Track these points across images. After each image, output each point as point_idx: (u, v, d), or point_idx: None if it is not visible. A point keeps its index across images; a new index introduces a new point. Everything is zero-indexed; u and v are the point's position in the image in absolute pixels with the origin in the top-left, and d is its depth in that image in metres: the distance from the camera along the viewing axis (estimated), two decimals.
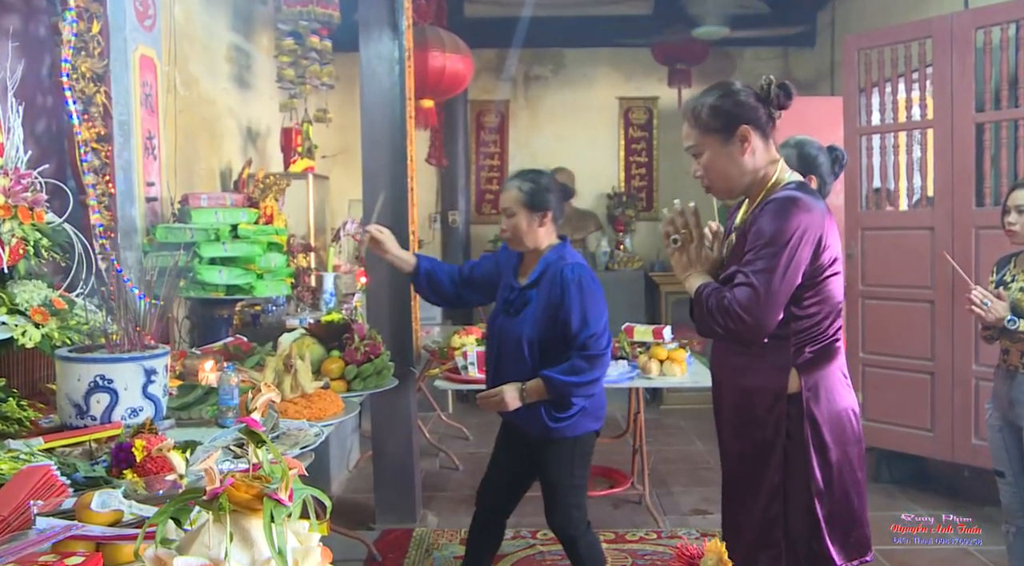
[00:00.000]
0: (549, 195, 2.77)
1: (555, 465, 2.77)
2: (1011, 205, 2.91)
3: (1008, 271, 2.99)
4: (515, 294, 2.77)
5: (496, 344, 2.82)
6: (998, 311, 2.81)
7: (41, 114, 3.22)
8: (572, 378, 2.64)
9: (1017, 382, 2.86)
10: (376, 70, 3.86)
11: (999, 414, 2.98)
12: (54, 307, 2.46)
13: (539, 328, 2.68)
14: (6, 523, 1.43)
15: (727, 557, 1.25)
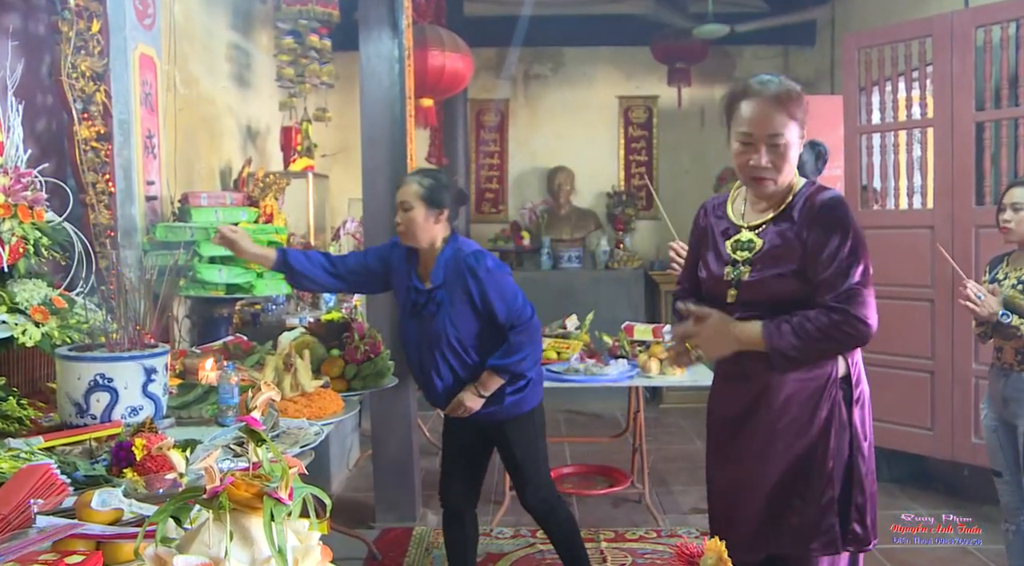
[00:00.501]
0: (446, 194, 2.76)
1: (522, 442, 2.84)
2: (1007, 203, 2.90)
3: (1001, 269, 2.99)
4: (422, 297, 2.75)
5: (416, 348, 2.81)
6: (991, 306, 2.81)
7: (41, 113, 3.22)
8: (517, 356, 2.70)
9: (1012, 380, 2.86)
10: (376, 69, 3.86)
11: (994, 414, 2.98)
12: (54, 306, 2.46)
13: (463, 324, 2.71)
14: (6, 522, 1.43)
15: (726, 555, 1.25)
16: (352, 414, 2.78)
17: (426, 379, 2.82)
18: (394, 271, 2.87)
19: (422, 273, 2.79)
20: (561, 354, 4.11)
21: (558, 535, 2.93)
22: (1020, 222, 2.86)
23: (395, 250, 2.88)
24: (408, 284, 2.80)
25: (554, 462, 4.77)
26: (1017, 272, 2.91)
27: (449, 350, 2.73)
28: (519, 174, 7.76)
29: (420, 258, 2.80)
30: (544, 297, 6.64)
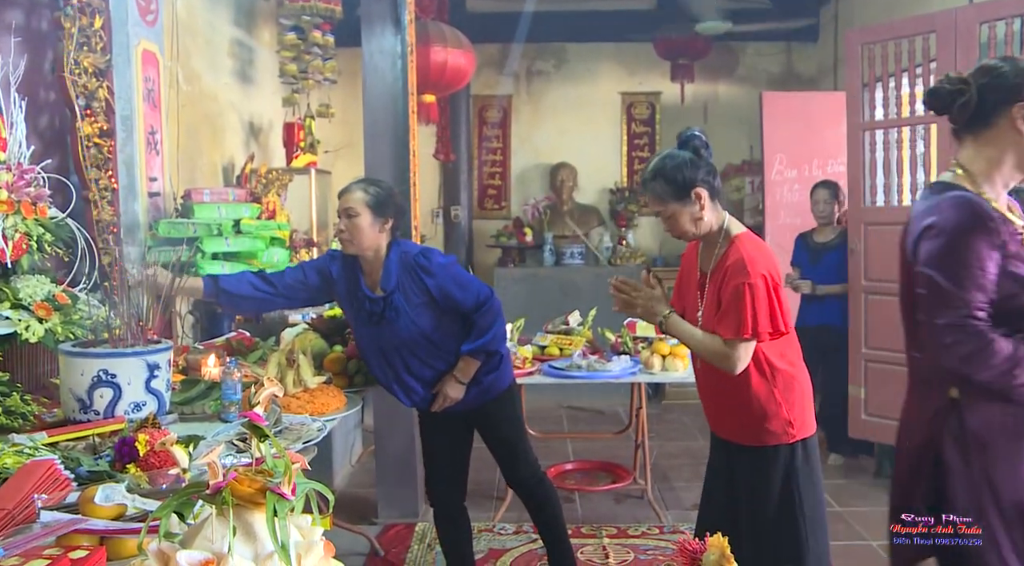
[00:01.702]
0: (392, 203, 2.74)
1: (505, 420, 2.92)
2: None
3: None
4: (377, 305, 2.72)
5: (380, 356, 2.79)
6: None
7: (44, 109, 3.23)
8: (488, 335, 2.74)
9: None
10: (378, 65, 3.86)
11: None
12: (57, 302, 2.47)
13: (426, 322, 2.72)
14: (11, 517, 1.43)
15: (729, 551, 1.25)
16: (355, 410, 2.79)
17: (400, 384, 2.81)
18: (337, 283, 2.81)
19: (370, 282, 2.76)
20: (564, 350, 4.11)
21: (547, 511, 2.99)
22: None
23: (335, 262, 2.83)
24: (358, 294, 2.75)
25: (557, 458, 4.78)
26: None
27: (423, 349, 2.74)
28: (522, 170, 7.75)
29: (365, 267, 2.76)
30: (546, 293, 6.65)
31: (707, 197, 2.22)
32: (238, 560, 1.03)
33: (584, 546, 3.66)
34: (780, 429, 2.21)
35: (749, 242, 2.22)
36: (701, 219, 2.23)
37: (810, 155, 5.93)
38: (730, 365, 2.16)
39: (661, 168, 2.24)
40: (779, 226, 5.84)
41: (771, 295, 2.13)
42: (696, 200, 2.21)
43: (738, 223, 2.30)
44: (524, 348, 4.13)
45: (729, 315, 2.14)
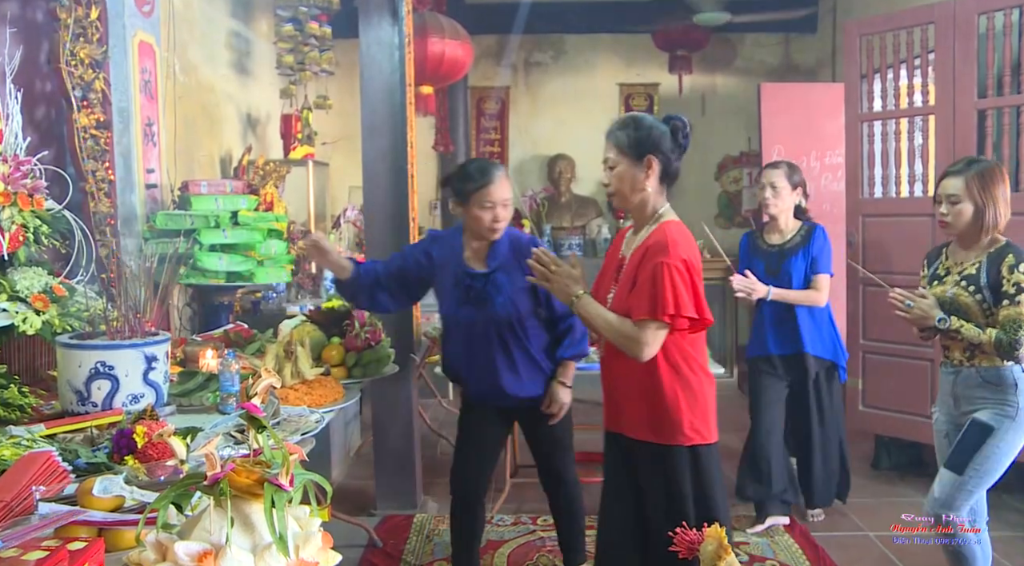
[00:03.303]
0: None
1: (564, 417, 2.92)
2: (942, 195, 2.66)
3: (940, 264, 2.76)
4: (479, 281, 2.76)
5: (466, 340, 2.81)
6: (924, 310, 2.61)
7: (40, 100, 3.22)
8: (583, 337, 2.84)
9: (962, 377, 2.63)
10: (376, 56, 3.85)
11: (944, 416, 2.74)
12: (54, 294, 2.47)
13: (524, 307, 2.76)
14: (9, 508, 1.43)
15: (727, 541, 1.25)
16: (353, 402, 2.79)
17: (487, 367, 2.80)
18: (438, 264, 2.85)
19: (471, 258, 2.82)
20: None
21: (574, 511, 2.99)
22: (958, 215, 2.61)
23: (435, 243, 2.89)
24: (459, 271, 2.80)
25: None
26: (959, 267, 2.67)
27: (511, 334, 2.76)
28: (520, 162, 7.74)
29: (470, 246, 2.83)
30: None
31: (657, 171, 2.19)
32: (236, 551, 1.03)
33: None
34: (680, 428, 2.17)
35: (676, 228, 2.18)
36: (643, 190, 2.21)
37: (808, 146, 5.92)
38: (638, 349, 2.10)
39: (632, 121, 2.24)
40: None
41: (692, 280, 2.09)
42: (647, 167, 2.19)
43: (674, 213, 2.26)
44: None
45: (644, 295, 2.09)
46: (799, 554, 3.43)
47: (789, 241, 3.62)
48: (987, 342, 2.52)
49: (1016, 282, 2.50)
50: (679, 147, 2.22)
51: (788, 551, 3.47)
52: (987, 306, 2.56)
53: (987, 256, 2.59)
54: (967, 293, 2.59)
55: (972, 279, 2.59)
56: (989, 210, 2.57)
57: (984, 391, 2.58)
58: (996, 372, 2.55)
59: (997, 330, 2.51)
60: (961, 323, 2.55)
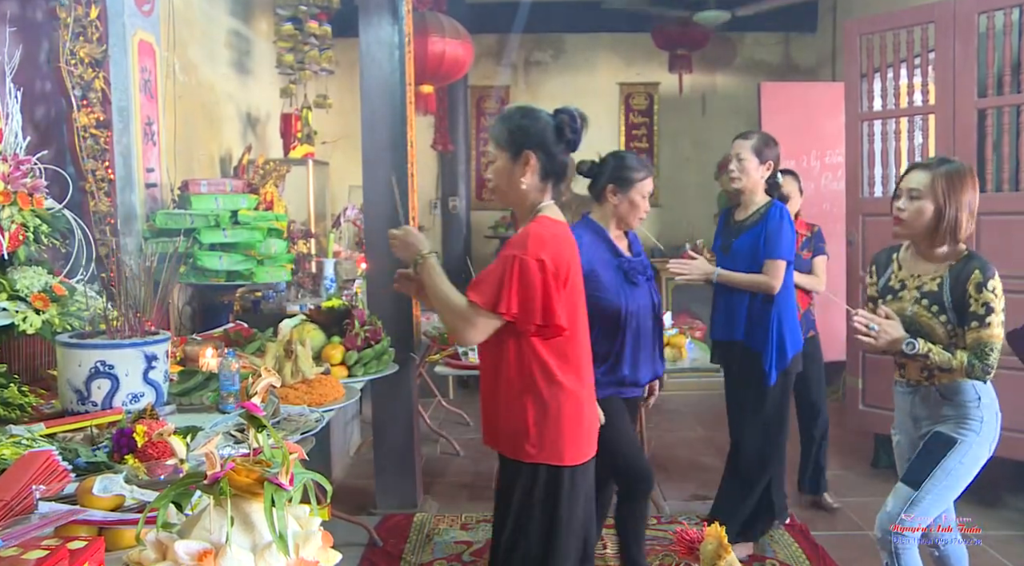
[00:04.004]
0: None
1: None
2: (903, 188, 2.43)
3: (893, 275, 2.52)
4: (636, 264, 2.83)
5: (635, 324, 2.76)
6: (890, 334, 2.36)
7: (40, 100, 3.22)
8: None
9: (920, 396, 2.44)
10: (376, 55, 3.85)
11: (906, 440, 2.52)
12: (54, 293, 2.46)
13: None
14: (9, 507, 1.43)
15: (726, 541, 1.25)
16: (353, 401, 2.79)
17: (651, 353, 2.85)
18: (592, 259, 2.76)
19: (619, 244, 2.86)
20: None
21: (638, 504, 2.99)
22: (915, 213, 2.38)
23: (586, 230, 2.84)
24: (616, 257, 2.80)
25: None
26: (916, 280, 2.43)
27: (657, 313, 2.84)
28: None
29: (611, 232, 2.86)
30: None
31: (536, 168, 2.10)
32: (236, 550, 1.03)
33: None
34: (522, 444, 2.05)
35: (547, 226, 2.08)
36: (520, 185, 2.12)
37: (808, 146, 5.93)
38: (462, 329, 2.00)
39: (511, 114, 2.16)
40: None
41: (544, 282, 1.96)
42: (524, 163, 2.10)
43: (557, 212, 2.16)
44: None
45: (486, 281, 2.00)
46: (799, 553, 3.43)
47: (748, 218, 3.32)
48: (959, 367, 2.29)
49: (985, 302, 2.28)
50: (566, 142, 2.12)
51: (788, 550, 3.47)
52: (952, 327, 2.35)
53: (949, 270, 2.36)
54: (929, 314, 2.37)
55: (934, 297, 2.36)
56: (949, 213, 2.33)
57: (946, 408, 2.38)
58: (957, 387, 2.36)
59: (968, 354, 2.29)
60: (930, 347, 2.32)
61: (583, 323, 2.13)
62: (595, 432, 2.17)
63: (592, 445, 2.14)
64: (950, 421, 2.37)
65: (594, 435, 2.16)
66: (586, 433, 2.10)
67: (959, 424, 2.35)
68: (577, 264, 2.10)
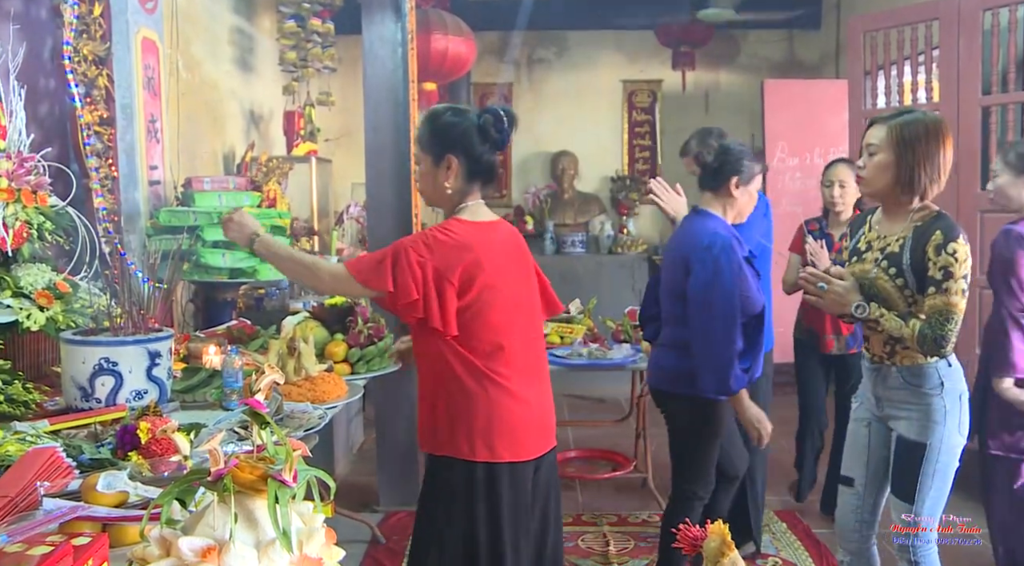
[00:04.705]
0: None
1: None
2: (864, 143, 2.32)
3: (863, 237, 2.36)
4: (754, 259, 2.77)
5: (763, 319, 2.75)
6: (839, 294, 2.22)
7: (43, 97, 3.22)
8: None
9: (882, 375, 2.30)
10: (379, 53, 3.84)
11: (866, 410, 2.40)
12: (58, 290, 2.47)
13: None
14: (13, 504, 1.44)
15: (729, 538, 1.25)
16: (356, 398, 2.79)
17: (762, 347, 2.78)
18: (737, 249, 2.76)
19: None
20: (564, 338, 4.11)
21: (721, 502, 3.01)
22: (874, 169, 2.27)
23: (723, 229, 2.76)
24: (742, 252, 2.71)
25: (557, 446, 4.77)
26: (882, 242, 2.27)
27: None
28: (523, 158, 7.74)
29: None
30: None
31: (459, 170, 2.06)
32: (240, 547, 1.03)
33: (584, 534, 3.67)
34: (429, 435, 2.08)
35: (452, 227, 2.04)
36: (444, 189, 2.08)
37: (812, 143, 5.92)
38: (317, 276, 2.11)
39: (432, 116, 2.11)
40: (780, 214, 5.82)
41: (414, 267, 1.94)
42: (447, 167, 2.07)
43: (478, 213, 2.10)
44: None
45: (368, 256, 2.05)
46: (802, 552, 3.43)
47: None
48: (909, 336, 2.13)
49: (944, 266, 2.09)
50: (491, 142, 2.06)
51: (791, 548, 3.47)
52: (910, 293, 2.18)
53: (913, 231, 2.19)
54: (887, 276, 2.20)
55: (894, 259, 2.20)
56: (905, 165, 2.18)
57: (906, 393, 2.24)
58: (919, 370, 2.21)
59: (922, 323, 2.12)
60: (882, 312, 2.17)
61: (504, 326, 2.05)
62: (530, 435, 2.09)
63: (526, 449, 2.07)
64: (912, 420, 2.23)
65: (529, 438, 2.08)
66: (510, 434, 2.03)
67: (922, 424, 2.21)
68: (483, 269, 2.00)
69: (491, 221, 2.13)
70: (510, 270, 2.10)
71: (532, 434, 2.10)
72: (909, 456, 2.24)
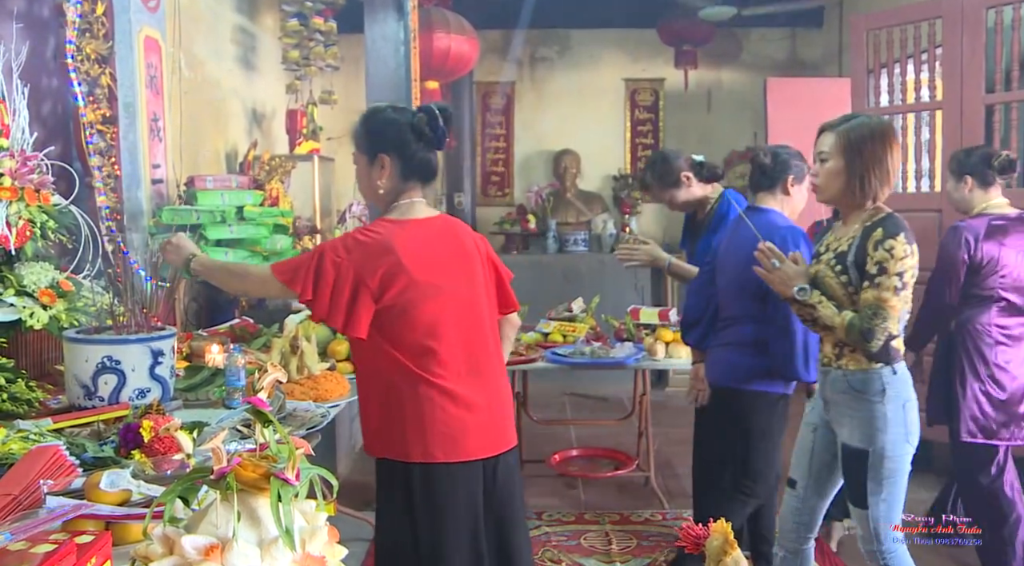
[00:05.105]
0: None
1: None
2: (816, 152, 2.39)
3: (823, 241, 2.40)
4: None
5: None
6: (788, 275, 2.28)
7: (46, 96, 3.22)
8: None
9: (830, 378, 2.31)
10: (381, 51, 3.85)
11: (817, 414, 2.42)
12: (61, 289, 2.47)
13: None
14: (17, 502, 1.44)
15: (732, 537, 1.25)
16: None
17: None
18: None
19: None
20: (567, 337, 4.12)
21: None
22: (826, 176, 2.32)
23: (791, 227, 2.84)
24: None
25: (560, 445, 4.79)
26: (837, 243, 2.30)
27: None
28: (525, 157, 7.74)
29: None
30: (550, 280, 6.64)
31: (392, 169, 2.04)
32: (242, 545, 1.03)
33: (587, 532, 3.68)
34: (370, 437, 2.07)
35: (375, 227, 2.01)
36: (377, 188, 2.07)
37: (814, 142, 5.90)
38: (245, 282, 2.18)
39: (367, 116, 2.11)
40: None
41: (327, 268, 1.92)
42: (380, 166, 2.05)
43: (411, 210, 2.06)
44: (527, 335, 4.13)
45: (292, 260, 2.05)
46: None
47: (705, 216, 3.46)
48: (840, 325, 2.17)
49: (880, 261, 2.13)
50: (427, 140, 2.04)
51: None
52: (853, 290, 2.21)
53: (862, 230, 2.22)
54: (833, 273, 2.24)
55: (841, 257, 2.24)
56: (856, 169, 2.23)
57: (848, 398, 2.25)
58: (863, 376, 2.22)
59: (853, 315, 2.17)
60: (821, 299, 2.22)
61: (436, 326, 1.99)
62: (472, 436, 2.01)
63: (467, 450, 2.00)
64: (854, 427, 2.24)
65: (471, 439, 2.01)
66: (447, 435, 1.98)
67: (864, 432, 2.22)
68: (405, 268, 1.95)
69: (424, 218, 2.07)
70: (446, 268, 2.03)
71: (475, 435, 2.02)
72: (854, 463, 2.26)
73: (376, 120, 2.08)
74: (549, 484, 4.33)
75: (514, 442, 2.14)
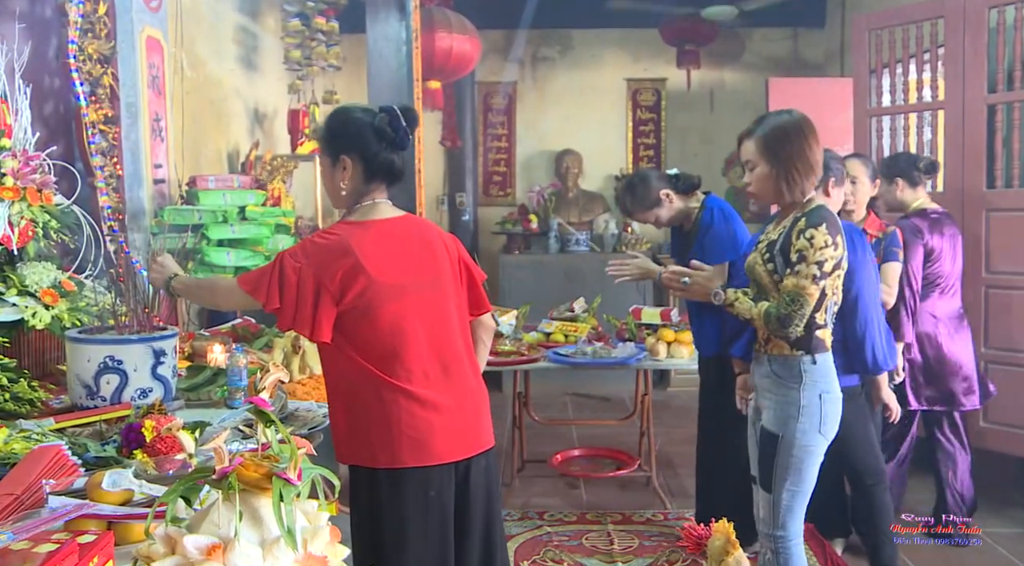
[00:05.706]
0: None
1: None
2: (742, 161, 2.42)
3: (763, 235, 2.42)
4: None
5: None
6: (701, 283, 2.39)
7: (49, 96, 3.22)
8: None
9: (758, 364, 2.38)
10: (383, 51, 3.85)
11: (754, 404, 2.46)
12: (63, 289, 2.48)
13: None
14: (19, 501, 1.44)
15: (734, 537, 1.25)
16: None
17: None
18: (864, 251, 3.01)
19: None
20: (569, 337, 4.11)
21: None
22: (756, 180, 2.35)
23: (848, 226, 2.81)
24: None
25: (561, 445, 4.79)
26: (770, 235, 2.35)
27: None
28: (527, 157, 7.74)
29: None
30: (551, 280, 6.64)
31: (353, 172, 2.01)
32: (244, 545, 1.03)
33: (589, 532, 3.68)
34: (340, 443, 2.00)
35: (334, 230, 1.98)
36: (340, 190, 2.04)
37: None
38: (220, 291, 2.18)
39: (329, 118, 2.09)
40: None
41: (288, 274, 1.90)
42: (342, 168, 2.02)
43: (374, 211, 2.03)
44: (529, 335, 4.13)
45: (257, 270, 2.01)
46: (807, 552, 3.43)
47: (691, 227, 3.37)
48: (757, 316, 2.23)
49: (800, 249, 2.19)
50: (389, 140, 2.01)
51: None
52: (778, 277, 2.25)
53: (792, 221, 2.27)
54: (762, 262, 2.30)
55: (771, 246, 2.29)
56: (780, 169, 2.28)
57: (770, 384, 2.30)
58: (784, 361, 2.27)
59: (770, 303, 2.23)
60: (737, 296, 2.30)
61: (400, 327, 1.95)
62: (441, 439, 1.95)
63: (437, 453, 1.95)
64: (771, 410, 2.28)
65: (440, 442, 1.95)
66: (415, 438, 1.92)
67: (778, 416, 2.26)
68: (364, 270, 1.91)
69: (387, 219, 2.04)
70: (409, 268, 1.99)
71: (444, 438, 1.96)
72: (767, 446, 2.29)
73: (337, 121, 2.06)
74: (551, 484, 4.33)
75: (490, 443, 2.07)
